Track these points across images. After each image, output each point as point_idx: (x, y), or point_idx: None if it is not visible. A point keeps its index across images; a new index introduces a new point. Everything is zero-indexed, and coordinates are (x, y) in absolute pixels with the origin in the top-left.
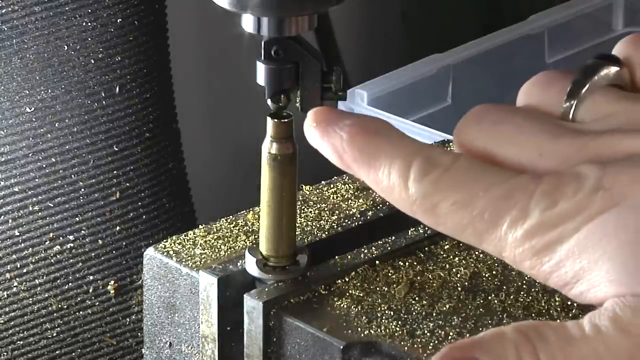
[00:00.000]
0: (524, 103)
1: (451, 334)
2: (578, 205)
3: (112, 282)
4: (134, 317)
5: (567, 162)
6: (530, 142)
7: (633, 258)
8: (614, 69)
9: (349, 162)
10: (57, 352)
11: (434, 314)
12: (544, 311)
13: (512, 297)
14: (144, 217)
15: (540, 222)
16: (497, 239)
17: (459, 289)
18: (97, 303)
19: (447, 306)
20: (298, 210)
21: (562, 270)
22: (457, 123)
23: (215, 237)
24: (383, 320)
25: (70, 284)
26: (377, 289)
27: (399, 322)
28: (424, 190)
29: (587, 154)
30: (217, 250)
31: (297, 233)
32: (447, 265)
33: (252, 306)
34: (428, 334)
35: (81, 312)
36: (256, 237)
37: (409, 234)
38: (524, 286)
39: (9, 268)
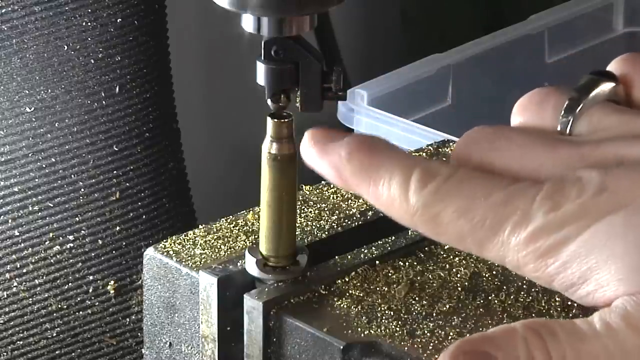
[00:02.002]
0: (519, 121)
1: (451, 334)
2: (583, 207)
3: (112, 282)
4: (134, 317)
5: (567, 170)
6: (529, 155)
7: None
8: (609, 85)
9: (347, 178)
10: (57, 352)
11: (434, 314)
12: (544, 311)
13: (512, 297)
14: (144, 217)
15: (544, 225)
16: (499, 245)
17: (459, 289)
18: (97, 303)
19: (447, 306)
20: (298, 210)
21: (569, 272)
22: (454, 146)
23: (215, 237)
24: (383, 320)
25: (70, 284)
26: (377, 289)
27: (399, 322)
28: (424, 200)
29: (588, 161)
30: (217, 250)
31: (297, 233)
32: (447, 265)
33: (252, 306)
34: (428, 334)
35: (81, 312)
36: (256, 237)
37: (409, 234)
38: (524, 286)
39: (9, 268)
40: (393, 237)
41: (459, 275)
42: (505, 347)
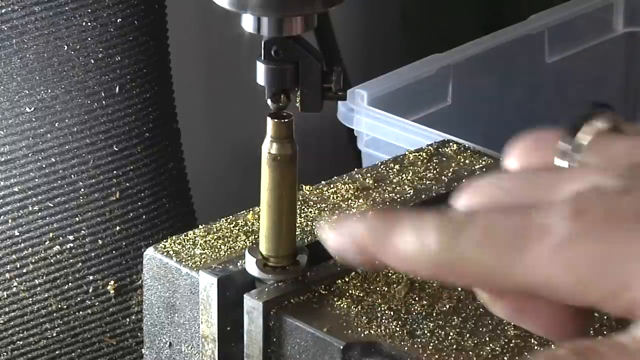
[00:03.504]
0: (514, 165)
1: (451, 334)
2: (608, 211)
3: (112, 282)
4: (134, 317)
5: (581, 180)
6: (534, 194)
7: None
8: (607, 115)
9: (366, 244)
10: (57, 352)
11: (434, 314)
12: None
13: None
14: (144, 217)
15: (570, 234)
16: (525, 267)
17: (459, 289)
18: (97, 303)
19: (447, 306)
20: (298, 210)
21: (605, 278)
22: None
23: (215, 237)
24: (383, 320)
25: (70, 284)
26: (377, 289)
27: (399, 322)
28: (446, 242)
29: (603, 170)
30: (217, 250)
31: (297, 233)
32: None
33: (252, 306)
34: (428, 334)
35: (81, 312)
36: (256, 237)
37: None
38: None
39: (9, 268)
40: None
41: None
42: None
